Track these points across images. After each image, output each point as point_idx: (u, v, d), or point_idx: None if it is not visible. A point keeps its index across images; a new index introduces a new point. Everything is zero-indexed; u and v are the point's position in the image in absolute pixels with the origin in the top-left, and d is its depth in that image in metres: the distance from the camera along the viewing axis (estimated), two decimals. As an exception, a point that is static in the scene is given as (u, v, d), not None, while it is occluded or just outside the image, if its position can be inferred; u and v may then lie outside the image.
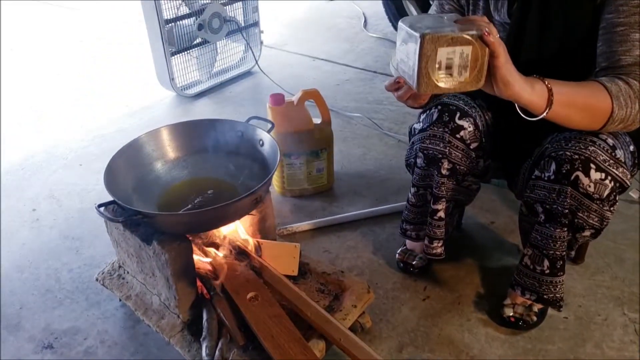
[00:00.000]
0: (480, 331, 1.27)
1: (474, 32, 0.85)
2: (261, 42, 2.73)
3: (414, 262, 1.42)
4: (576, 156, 1.01)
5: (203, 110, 2.44)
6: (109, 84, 2.79)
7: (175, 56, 2.35)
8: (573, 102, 0.95)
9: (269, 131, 1.30)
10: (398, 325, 1.29)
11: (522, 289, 1.21)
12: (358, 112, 2.28)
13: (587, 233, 1.08)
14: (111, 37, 3.54)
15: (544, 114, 0.94)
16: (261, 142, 1.29)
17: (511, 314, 1.26)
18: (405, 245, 1.47)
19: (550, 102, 0.93)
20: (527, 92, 0.91)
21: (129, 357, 1.23)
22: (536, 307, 1.26)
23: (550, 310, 1.29)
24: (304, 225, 1.60)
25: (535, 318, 1.26)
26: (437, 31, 0.85)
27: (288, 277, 1.26)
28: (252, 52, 2.62)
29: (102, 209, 1.10)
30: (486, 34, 0.84)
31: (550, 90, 0.93)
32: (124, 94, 2.66)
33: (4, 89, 2.82)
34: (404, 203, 1.65)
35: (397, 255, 1.46)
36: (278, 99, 1.59)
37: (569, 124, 1.00)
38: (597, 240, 1.17)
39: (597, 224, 1.06)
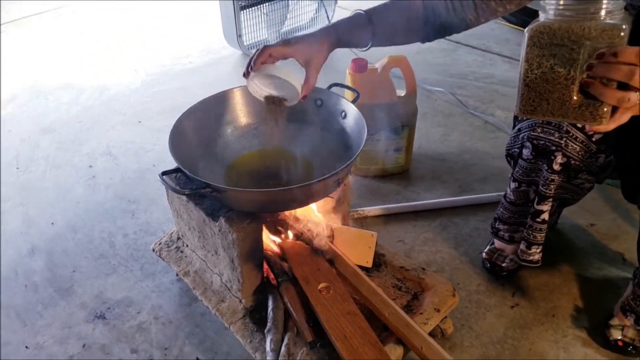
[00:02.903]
0: (578, 351, 1.10)
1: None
2: (335, 1, 2.54)
3: (503, 264, 1.25)
4: None
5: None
6: (173, 38, 2.68)
7: (245, 11, 2.20)
8: None
9: (353, 102, 1.13)
10: (482, 333, 1.14)
11: (636, 317, 1.03)
12: (440, 86, 2.07)
13: None
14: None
15: None
16: (343, 114, 1.13)
17: (619, 337, 1.08)
18: (493, 243, 1.29)
19: None
20: None
21: (183, 339, 1.14)
22: (651, 332, 1.08)
23: (664, 337, 1.10)
24: (377, 209, 1.45)
25: (649, 345, 1.07)
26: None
27: (361, 268, 1.12)
28: (326, 11, 2.44)
29: (165, 177, 0.98)
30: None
31: None
32: (187, 50, 2.54)
33: (62, 38, 2.77)
34: (492, 194, 1.49)
35: (483, 254, 1.29)
36: (361, 65, 1.41)
37: None
38: None
39: None
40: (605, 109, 0.67)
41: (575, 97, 0.68)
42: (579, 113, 0.68)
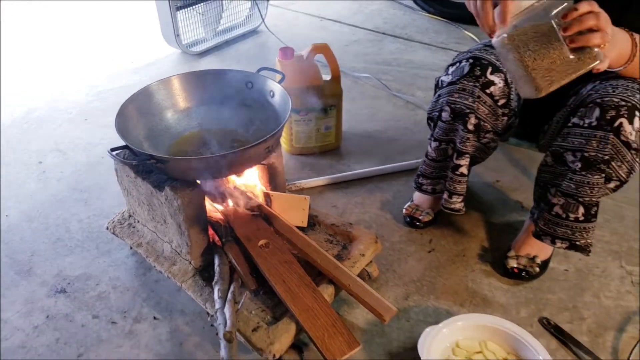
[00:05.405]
0: (483, 281, 1.30)
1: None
2: (267, 0, 2.70)
3: (420, 217, 1.44)
4: (623, 103, 1.00)
5: (208, 67, 2.40)
6: (114, 41, 2.76)
7: (181, 11, 2.32)
8: None
9: (279, 82, 1.30)
10: (404, 275, 1.32)
11: (552, 238, 1.19)
12: (366, 73, 2.27)
13: (612, 185, 1.07)
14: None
15: (620, 69, 1.00)
16: (272, 93, 1.29)
17: (515, 266, 1.29)
18: (412, 200, 1.49)
19: (630, 60, 0.98)
20: (613, 58, 0.95)
21: (141, 302, 1.26)
22: (539, 259, 1.28)
23: (551, 263, 1.32)
24: (312, 181, 1.62)
25: (537, 269, 1.28)
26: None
27: (298, 229, 1.27)
28: (259, 9, 2.59)
29: (114, 153, 1.11)
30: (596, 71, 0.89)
31: (634, 47, 0.96)
32: (128, 51, 2.63)
33: (5, 41, 2.79)
34: (412, 162, 1.68)
35: (404, 210, 1.48)
36: (287, 53, 1.58)
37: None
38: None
39: (624, 175, 1.06)
40: (595, 51, 0.87)
41: (572, 56, 0.87)
42: (581, 64, 0.88)
